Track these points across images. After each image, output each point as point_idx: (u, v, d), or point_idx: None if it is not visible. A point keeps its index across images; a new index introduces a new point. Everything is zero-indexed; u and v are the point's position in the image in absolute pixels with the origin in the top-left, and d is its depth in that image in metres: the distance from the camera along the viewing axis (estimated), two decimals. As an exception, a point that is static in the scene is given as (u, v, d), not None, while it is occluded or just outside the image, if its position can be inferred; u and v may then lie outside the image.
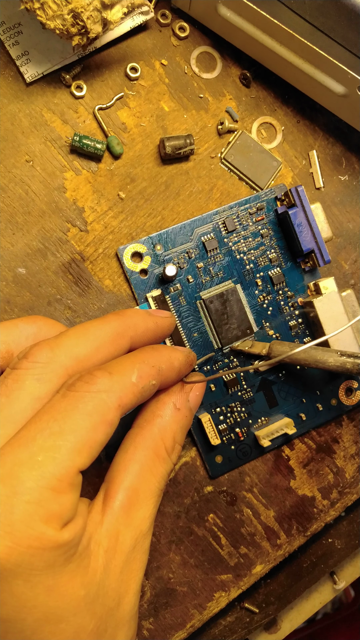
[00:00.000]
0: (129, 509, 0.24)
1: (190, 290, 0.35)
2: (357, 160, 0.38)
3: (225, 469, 0.35)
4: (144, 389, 0.25)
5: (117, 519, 0.23)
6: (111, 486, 0.24)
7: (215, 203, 0.36)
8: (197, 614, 0.35)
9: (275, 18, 0.31)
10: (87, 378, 0.23)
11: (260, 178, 0.36)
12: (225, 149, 0.36)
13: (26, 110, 0.34)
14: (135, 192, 0.35)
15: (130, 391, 0.24)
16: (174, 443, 0.26)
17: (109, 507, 0.24)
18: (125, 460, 0.25)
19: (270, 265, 0.35)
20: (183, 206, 0.36)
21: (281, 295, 0.36)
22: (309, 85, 0.35)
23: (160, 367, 0.26)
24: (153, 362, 0.26)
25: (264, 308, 0.35)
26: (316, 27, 0.31)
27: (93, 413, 0.22)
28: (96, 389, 0.23)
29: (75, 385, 0.23)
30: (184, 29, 0.36)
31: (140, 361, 0.25)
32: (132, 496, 0.24)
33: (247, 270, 0.35)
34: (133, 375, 0.24)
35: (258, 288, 0.35)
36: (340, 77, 0.32)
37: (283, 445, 0.37)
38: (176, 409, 0.27)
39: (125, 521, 0.24)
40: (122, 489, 0.24)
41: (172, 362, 0.27)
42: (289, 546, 0.36)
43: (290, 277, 0.36)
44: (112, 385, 0.23)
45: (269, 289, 0.35)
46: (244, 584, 0.36)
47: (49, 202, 0.34)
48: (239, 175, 0.36)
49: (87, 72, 0.35)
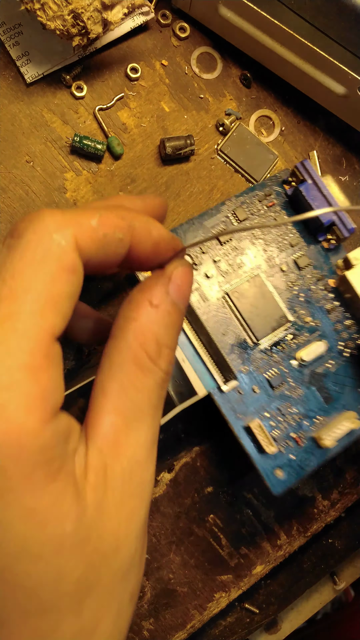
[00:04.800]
0: (115, 437, 0.20)
1: (211, 287, 0.32)
2: (357, 161, 0.38)
3: (289, 483, 0.30)
4: (107, 239, 0.20)
5: (101, 451, 0.19)
6: (91, 414, 0.20)
7: (215, 203, 0.36)
8: (197, 614, 0.35)
9: (275, 18, 0.31)
10: (32, 217, 0.18)
11: (256, 171, 0.36)
12: (222, 141, 0.36)
13: (26, 111, 0.34)
14: (135, 192, 0.35)
15: (89, 236, 0.19)
16: (159, 347, 0.21)
17: (91, 439, 0.19)
18: (102, 380, 0.21)
19: (291, 249, 0.33)
20: (183, 207, 0.36)
21: (311, 279, 0.33)
22: (309, 86, 0.35)
23: (132, 223, 0.20)
24: (123, 215, 0.20)
25: (295, 295, 0.32)
26: (316, 27, 0.31)
27: (46, 260, 0.18)
28: (44, 229, 0.18)
29: (18, 230, 0.18)
30: (185, 30, 0.36)
31: (106, 208, 0.20)
32: (117, 421, 0.20)
33: (268, 258, 0.32)
34: (93, 218, 0.19)
35: (284, 275, 0.32)
36: (341, 77, 0.32)
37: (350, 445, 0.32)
38: (153, 306, 0.21)
39: (112, 451, 0.20)
40: (103, 415, 0.20)
41: (148, 227, 0.21)
42: (289, 546, 0.36)
43: (316, 258, 0.33)
44: (64, 222, 0.18)
45: (296, 274, 0.33)
46: (244, 584, 0.36)
47: (49, 202, 0.34)
48: (235, 168, 0.36)
49: (87, 73, 0.35)
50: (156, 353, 0.21)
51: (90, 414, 0.20)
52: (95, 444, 0.19)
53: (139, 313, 0.21)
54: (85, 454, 0.19)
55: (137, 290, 0.22)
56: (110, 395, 0.20)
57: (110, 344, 0.21)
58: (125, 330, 0.21)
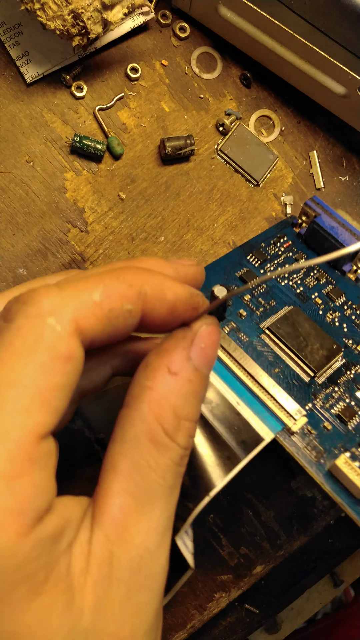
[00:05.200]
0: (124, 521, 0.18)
1: (248, 325, 0.29)
2: (357, 161, 0.38)
3: None
4: (113, 313, 0.17)
5: (108, 537, 0.17)
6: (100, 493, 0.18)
7: (215, 203, 0.36)
8: (197, 614, 0.35)
9: (275, 18, 0.31)
10: (26, 297, 0.17)
11: (256, 171, 0.36)
12: (222, 141, 0.36)
13: (26, 111, 0.34)
14: (135, 192, 0.35)
15: (92, 313, 0.17)
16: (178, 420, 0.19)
17: (98, 522, 0.17)
18: (113, 455, 0.19)
19: (320, 284, 0.32)
20: (183, 207, 0.36)
21: (348, 310, 0.31)
22: (309, 86, 0.35)
23: (142, 289, 0.18)
24: (132, 281, 0.18)
25: (338, 326, 0.31)
26: (316, 28, 0.31)
27: (37, 349, 0.16)
28: (38, 312, 0.16)
29: (10, 312, 0.17)
30: (185, 30, 0.36)
31: (111, 276, 0.18)
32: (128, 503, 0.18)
33: (299, 294, 0.31)
34: (95, 291, 0.17)
35: (320, 307, 0.31)
36: (341, 77, 0.32)
37: None
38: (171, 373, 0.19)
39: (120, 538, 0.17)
40: (112, 496, 0.18)
41: (162, 290, 0.19)
42: (289, 546, 0.36)
43: (347, 289, 0.32)
44: (61, 303, 0.16)
45: (332, 305, 0.31)
46: (245, 584, 0.36)
47: (49, 202, 0.34)
48: (235, 168, 0.36)
49: (87, 73, 0.35)
50: (174, 427, 0.19)
51: (99, 492, 0.18)
52: (102, 529, 0.17)
53: (156, 381, 0.19)
54: (90, 541, 0.17)
55: (155, 353, 0.20)
56: (121, 474, 0.18)
57: (123, 413, 0.19)
58: (140, 400, 0.19)
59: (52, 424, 0.16)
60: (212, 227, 0.36)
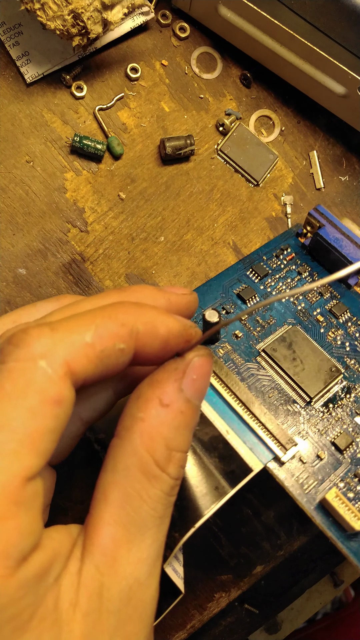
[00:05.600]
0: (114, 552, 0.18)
1: (243, 347, 0.28)
2: (357, 161, 0.38)
3: None
4: (105, 353, 0.17)
5: (98, 568, 0.17)
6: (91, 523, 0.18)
7: (215, 203, 0.36)
8: (197, 614, 0.35)
9: (275, 18, 0.31)
10: (17, 340, 0.17)
11: (256, 171, 0.36)
12: (222, 141, 0.36)
13: (26, 111, 0.34)
14: (135, 192, 0.35)
15: (83, 354, 0.17)
16: (169, 451, 0.19)
17: (88, 552, 0.17)
18: (104, 485, 0.19)
19: (323, 299, 0.30)
20: (183, 207, 0.36)
21: (352, 327, 0.30)
22: (309, 86, 0.35)
23: (134, 327, 0.18)
24: (124, 319, 0.18)
25: (339, 345, 0.29)
26: (316, 28, 0.31)
27: (27, 393, 0.16)
28: (29, 355, 0.16)
29: (2, 354, 0.17)
30: (185, 30, 0.36)
31: (104, 315, 0.18)
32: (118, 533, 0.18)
33: (300, 310, 0.30)
34: (87, 332, 0.17)
35: (322, 325, 0.29)
36: (341, 77, 0.32)
37: None
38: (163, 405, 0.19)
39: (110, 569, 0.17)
40: (103, 526, 0.18)
41: (154, 326, 0.19)
42: (289, 546, 0.36)
43: (351, 304, 0.30)
44: (53, 346, 0.17)
45: (335, 323, 0.30)
46: (244, 584, 0.36)
47: (49, 202, 0.34)
48: (235, 168, 0.36)
49: (87, 73, 0.35)
50: (165, 459, 0.19)
51: (90, 522, 0.18)
52: (93, 560, 0.17)
53: (147, 413, 0.19)
54: (79, 572, 0.17)
55: (147, 384, 0.20)
56: (111, 504, 0.18)
57: (115, 443, 0.19)
58: (132, 431, 0.19)
59: (39, 465, 0.16)
60: (212, 227, 0.36)
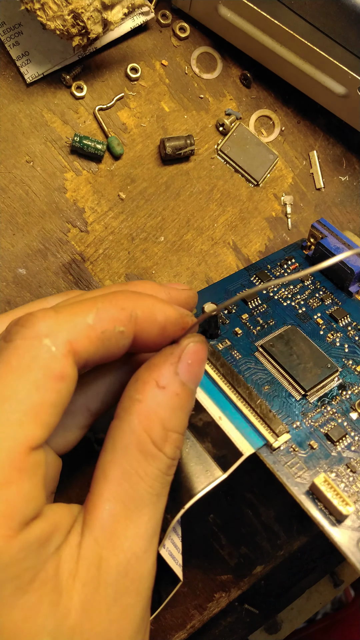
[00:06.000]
0: (113, 527, 0.19)
1: (242, 343, 0.29)
2: (357, 161, 0.38)
3: None
4: (105, 335, 0.19)
5: (97, 541, 0.18)
6: (91, 499, 0.19)
7: (215, 203, 0.36)
8: (197, 614, 0.35)
9: (275, 18, 0.31)
10: (24, 320, 0.18)
11: (256, 171, 0.36)
12: (221, 141, 0.36)
13: (26, 111, 0.34)
14: (135, 192, 0.35)
15: (85, 335, 0.18)
16: (165, 431, 0.20)
17: (88, 527, 0.18)
18: (104, 464, 0.20)
19: (324, 304, 0.31)
20: (183, 207, 0.36)
21: (351, 331, 0.30)
22: (310, 86, 0.35)
23: (134, 311, 0.19)
24: (123, 304, 0.19)
25: (338, 346, 0.30)
26: (316, 28, 0.31)
27: (32, 368, 0.17)
28: (35, 334, 0.17)
29: (10, 333, 0.18)
30: (185, 30, 0.36)
31: (104, 300, 0.19)
32: (117, 509, 0.19)
33: (301, 314, 0.31)
34: (89, 315, 0.18)
35: (321, 328, 0.30)
36: (341, 77, 0.32)
37: None
38: (160, 387, 0.20)
39: (109, 543, 0.18)
40: (103, 502, 0.19)
41: (152, 312, 0.20)
42: (289, 546, 0.36)
43: (352, 310, 0.31)
44: (57, 326, 0.18)
45: (334, 326, 0.30)
46: (244, 584, 0.36)
47: (49, 202, 0.34)
48: (235, 168, 0.36)
49: (87, 73, 0.35)
50: (162, 439, 0.20)
51: (90, 499, 0.19)
52: (92, 534, 0.18)
53: (145, 395, 0.20)
54: (79, 545, 0.18)
55: (144, 368, 0.21)
56: (111, 482, 0.19)
57: (114, 424, 0.20)
58: (130, 412, 0.20)
59: (42, 437, 0.17)
60: (212, 227, 0.36)
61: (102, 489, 0.19)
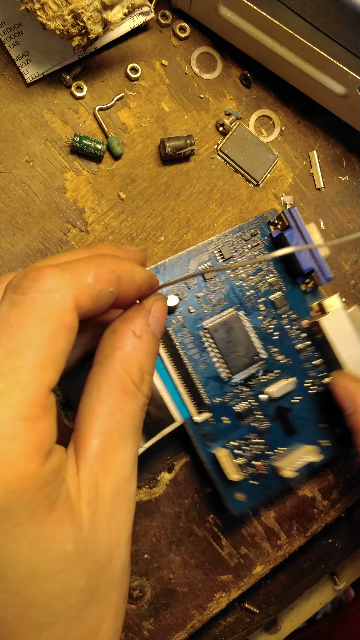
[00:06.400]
0: (104, 456, 0.22)
1: (193, 321, 0.33)
2: (357, 161, 0.38)
3: (249, 505, 0.33)
4: (101, 293, 0.21)
5: (92, 469, 0.21)
6: (80, 434, 0.22)
7: (215, 203, 0.36)
8: (197, 614, 0.35)
9: (275, 18, 0.31)
10: (35, 275, 0.20)
11: (256, 171, 0.36)
12: (222, 141, 0.36)
13: (26, 111, 0.34)
14: (135, 192, 0.35)
15: (86, 292, 0.21)
16: (142, 374, 0.24)
17: (82, 458, 0.21)
18: (90, 404, 0.23)
19: (271, 289, 0.34)
20: (183, 207, 0.36)
21: (286, 319, 0.34)
22: (310, 86, 0.35)
23: (120, 275, 0.22)
24: (112, 267, 0.22)
25: (270, 333, 0.34)
26: (316, 28, 0.31)
27: (49, 319, 0.19)
28: (47, 288, 0.20)
29: (22, 287, 0.20)
30: (185, 30, 0.36)
31: (98, 263, 0.22)
32: (106, 441, 0.22)
33: (248, 297, 0.34)
34: (89, 275, 0.21)
35: (261, 313, 0.34)
36: (341, 77, 0.32)
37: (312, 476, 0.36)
38: (136, 336, 0.24)
39: (102, 469, 0.22)
40: (93, 435, 0.22)
41: (133, 275, 0.23)
42: (289, 547, 0.36)
43: (293, 299, 0.35)
44: (65, 283, 0.20)
45: (273, 313, 0.34)
46: (245, 584, 0.36)
47: (49, 202, 0.34)
48: (235, 168, 0.36)
49: (87, 73, 0.35)
50: (140, 380, 0.23)
51: (80, 435, 0.22)
52: (87, 463, 0.21)
53: (124, 342, 0.23)
54: (77, 473, 0.21)
55: (120, 321, 0.24)
56: (99, 418, 0.22)
57: (95, 370, 0.23)
58: (112, 357, 0.23)
59: (56, 380, 0.20)
60: (212, 227, 0.36)
61: (91, 424, 0.22)
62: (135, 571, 0.35)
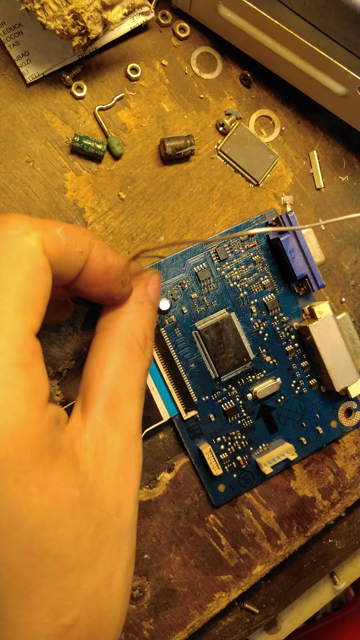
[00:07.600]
0: (112, 411, 0.22)
1: (185, 321, 0.34)
2: (357, 161, 0.38)
3: (229, 497, 0.35)
4: (69, 249, 0.21)
5: (101, 423, 0.22)
6: (89, 391, 0.23)
7: (215, 203, 0.36)
8: (197, 614, 0.35)
9: (275, 18, 0.31)
10: (3, 219, 0.19)
11: (256, 171, 0.36)
12: (222, 141, 0.36)
13: (26, 111, 0.34)
14: (135, 192, 0.35)
15: (54, 242, 0.20)
16: (145, 337, 0.25)
17: (90, 412, 0.22)
18: (98, 363, 0.23)
19: (264, 291, 0.35)
20: (183, 207, 0.36)
21: (276, 321, 0.35)
22: (310, 86, 0.35)
23: (92, 240, 0.22)
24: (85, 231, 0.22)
25: (260, 335, 0.35)
26: (316, 28, 0.31)
27: (21, 261, 0.19)
28: (15, 231, 0.19)
29: None
30: (185, 30, 0.36)
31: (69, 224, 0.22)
32: (114, 398, 0.23)
33: (241, 298, 0.35)
34: (58, 228, 0.21)
35: (253, 315, 0.35)
36: (341, 77, 0.32)
37: (284, 470, 0.36)
38: (139, 302, 0.25)
39: (111, 424, 0.22)
40: (101, 392, 0.22)
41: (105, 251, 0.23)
42: (289, 547, 0.36)
43: (285, 302, 0.35)
44: (32, 226, 0.20)
45: (264, 315, 0.35)
46: (244, 584, 0.36)
47: (49, 202, 0.34)
48: (235, 168, 0.36)
49: (87, 73, 0.35)
50: (144, 343, 0.25)
51: (87, 394, 0.23)
52: (95, 417, 0.22)
53: (129, 308, 0.25)
54: (84, 427, 0.21)
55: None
56: (107, 377, 0.23)
57: (102, 334, 0.24)
58: (119, 321, 0.24)
59: (39, 324, 0.19)
60: (212, 227, 0.36)
61: (100, 381, 0.23)
62: (135, 571, 0.35)
